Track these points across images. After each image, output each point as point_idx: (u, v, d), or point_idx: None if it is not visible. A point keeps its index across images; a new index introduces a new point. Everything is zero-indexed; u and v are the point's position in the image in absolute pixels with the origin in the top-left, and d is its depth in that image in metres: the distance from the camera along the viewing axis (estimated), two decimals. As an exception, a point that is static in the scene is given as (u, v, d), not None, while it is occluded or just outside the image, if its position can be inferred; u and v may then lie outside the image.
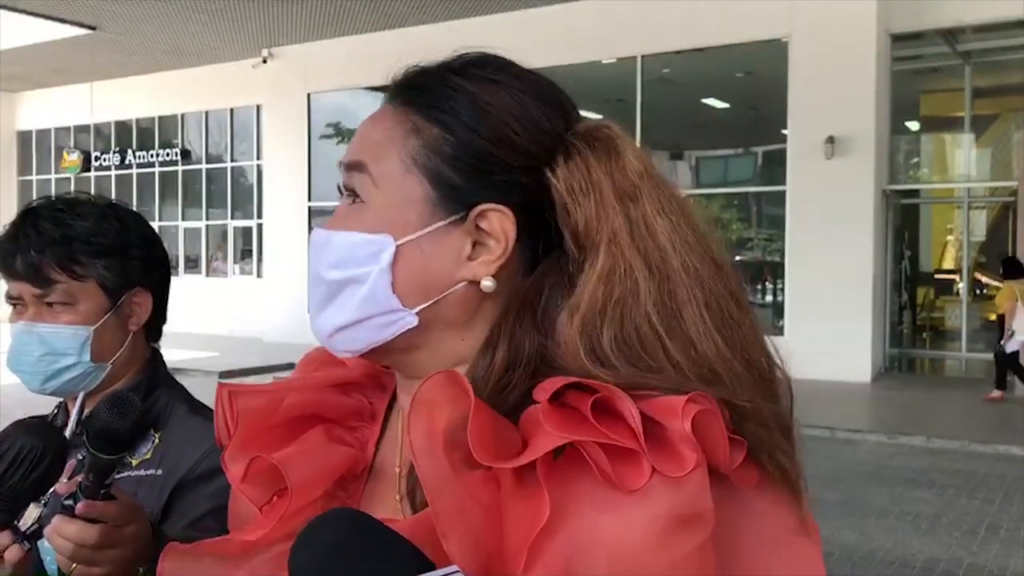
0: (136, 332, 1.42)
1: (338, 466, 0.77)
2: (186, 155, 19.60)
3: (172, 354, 2.13)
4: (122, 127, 20.73)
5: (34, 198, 1.44)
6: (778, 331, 12.01)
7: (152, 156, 19.97)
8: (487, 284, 0.71)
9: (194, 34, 15.66)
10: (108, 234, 1.37)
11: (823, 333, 11.28)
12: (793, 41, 12.02)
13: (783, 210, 12.53)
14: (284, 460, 0.73)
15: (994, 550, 5.43)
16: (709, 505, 0.57)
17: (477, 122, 0.71)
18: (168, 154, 19.74)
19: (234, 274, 18.99)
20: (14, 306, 1.38)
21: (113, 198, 1.47)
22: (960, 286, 14.18)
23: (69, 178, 21.10)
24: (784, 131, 12.41)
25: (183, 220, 19.70)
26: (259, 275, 17.91)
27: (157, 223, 18.03)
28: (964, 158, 13.12)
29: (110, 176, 20.69)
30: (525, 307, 0.70)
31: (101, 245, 1.36)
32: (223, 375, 12.28)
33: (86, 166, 21.01)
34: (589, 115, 0.79)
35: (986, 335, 12.91)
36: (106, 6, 14.01)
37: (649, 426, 0.58)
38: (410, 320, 0.72)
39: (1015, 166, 12.59)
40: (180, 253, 19.32)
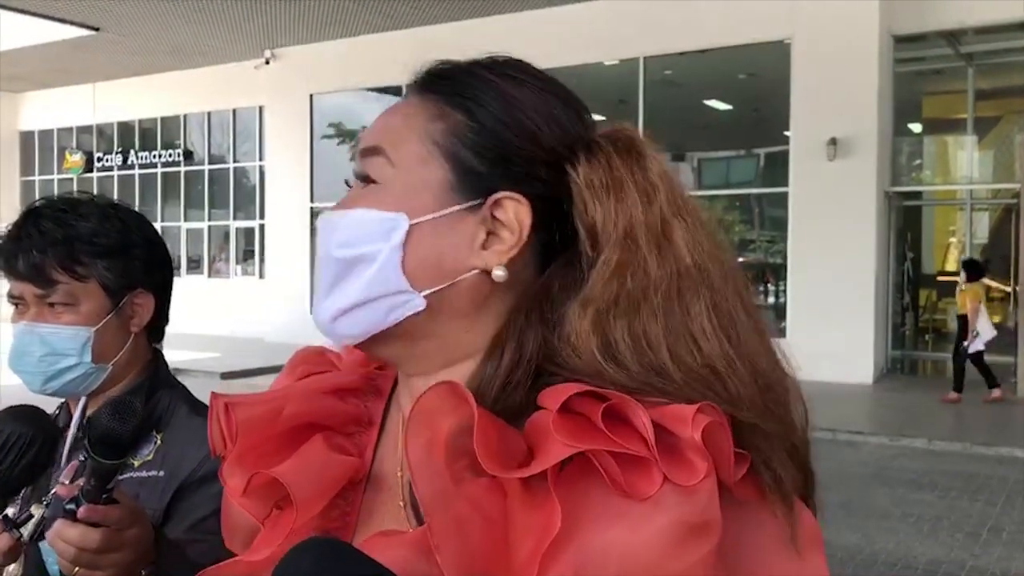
0: (138, 333, 1.41)
1: (340, 476, 0.75)
2: (188, 156, 19.64)
3: (174, 355, 2.13)
4: (125, 128, 20.77)
5: (37, 198, 1.44)
6: (780, 332, 12.01)
7: (155, 157, 20.01)
8: (499, 274, 0.70)
9: (197, 35, 15.68)
10: (110, 234, 1.37)
11: (825, 334, 11.26)
12: (795, 43, 12.01)
13: (785, 212, 12.53)
14: (287, 474, 0.71)
15: (996, 552, 5.42)
16: (718, 514, 0.57)
17: (504, 113, 0.71)
18: (171, 155, 19.79)
19: (236, 275, 19.01)
20: (16, 306, 1.38)
21: (115, 199, 1.46)
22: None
23: (72, 179, 21.12)
24: (786, 133, 12.41)
25: (185, 221, 19.73)
26: (261, 276, 17.95)
27: (159, 224, 18.05)
28: (966, 160, 13.09)
29: (112, 177, 20.73)
30: (535, 305, 0.70)
31: (103, 246, 1.36)
32: (225, 376, 12.30)
33: (88, 167, 21.05)
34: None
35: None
36: (109, 7, 14.04)
37: (659, 434, 0.58)
38: (418, 303, 0.70)
39: (1018, 168, 12.58)
40: (182, 254, 19.36)
